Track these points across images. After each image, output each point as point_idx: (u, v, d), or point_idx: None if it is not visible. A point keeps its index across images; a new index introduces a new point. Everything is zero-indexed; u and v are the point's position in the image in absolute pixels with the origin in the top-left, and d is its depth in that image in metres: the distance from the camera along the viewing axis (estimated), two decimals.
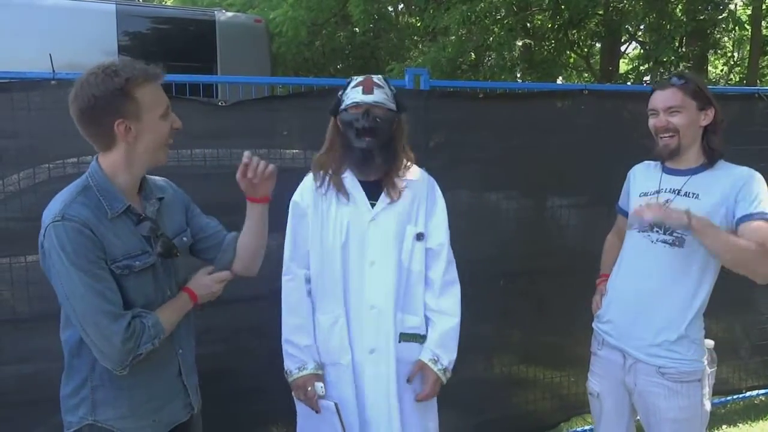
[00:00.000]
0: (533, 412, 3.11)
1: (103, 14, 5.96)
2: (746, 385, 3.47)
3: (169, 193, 1.71)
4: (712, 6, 7.30)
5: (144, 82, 1.45)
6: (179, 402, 1.68)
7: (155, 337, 1.49)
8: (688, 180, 1.93)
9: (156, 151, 1.52)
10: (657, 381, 1.92)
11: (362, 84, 1.91)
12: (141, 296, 1.52)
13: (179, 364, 1.66)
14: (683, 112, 1.90)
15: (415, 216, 1.99)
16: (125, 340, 1.43)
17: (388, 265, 1.94)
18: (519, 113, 2.91)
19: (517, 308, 3.00)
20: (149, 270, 1.53)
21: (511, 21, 7.48)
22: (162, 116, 1.50)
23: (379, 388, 1.95)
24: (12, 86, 2.19)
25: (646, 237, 1.97)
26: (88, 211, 1.43)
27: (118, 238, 1.47)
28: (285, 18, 7.67)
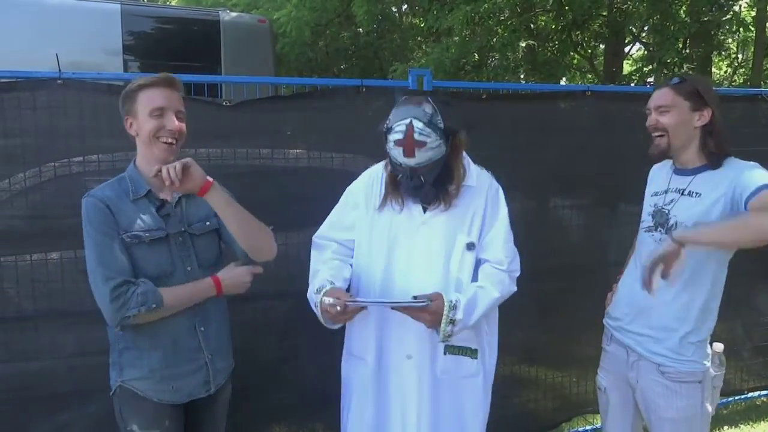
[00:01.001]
0: (535, 411, 3.11)
1: (108, 14, 5.99)
2: (748, 386, 3.47)
3: None
4: (716, 7, 7.29)
5: (146, 87, 1.73)
6: (200, 377, 1.82)
7: (143, 305, 1.65)
8: (693, 179, 1.92)
9: (149, 145, 1.74)
10: (657, 379, 1.94)
11: (402, 145, 1.77)
12: (153, 265, 1.73)
13: (200, 341, 1.81)
14: (672, 111, 1.89)
15: (468, 225, 1.91)
16: (112, 300, 1.63)
17: (433, 271, 1.88)
18: (522, 114, 2.92)
19: (520, 308, 2.99)
20: (161, 242, 1.74)
21: (514, 22, 7.49)
22: (149, 114, 1.71)
23: (409, 395, 1.91)
24: (18, 85, 2.21)
25: (651, 236, 1.99)
26: (112, 193, 1.73)
27: (134, 215, 1.73)
28: (289, 18, 7.68)
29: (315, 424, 2.72)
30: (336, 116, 2.60)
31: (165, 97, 1.73)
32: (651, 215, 2.01)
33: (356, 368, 2.01)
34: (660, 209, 1.98)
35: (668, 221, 1.93)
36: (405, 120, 1.77)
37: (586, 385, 3.12)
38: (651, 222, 2.00)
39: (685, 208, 1.90)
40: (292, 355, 2.64)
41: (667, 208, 1.95)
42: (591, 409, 3.18)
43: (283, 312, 2.67)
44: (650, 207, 2.04)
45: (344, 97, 2.60)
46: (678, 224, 1.90)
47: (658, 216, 1.98)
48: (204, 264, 1.84)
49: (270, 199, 2.56)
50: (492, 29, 7.52)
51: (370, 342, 1.95)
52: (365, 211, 1.98)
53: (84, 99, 2.25)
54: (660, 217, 1.97)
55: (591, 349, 3.12)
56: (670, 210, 1.94)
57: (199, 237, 1.84)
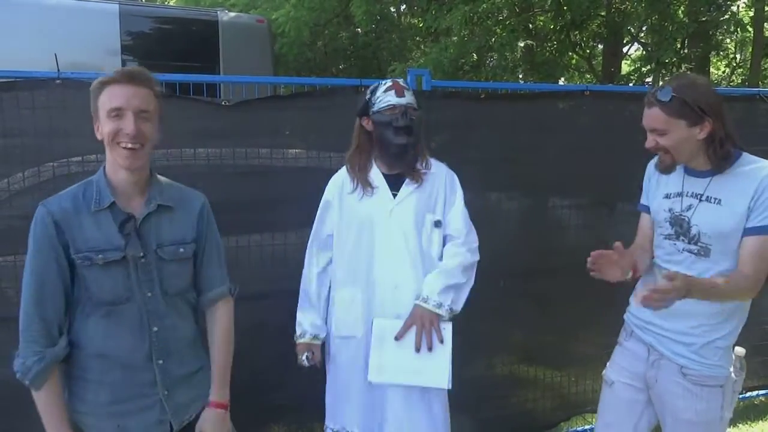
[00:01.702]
0: (533, 411, 3.11)
1: (106, 14, 5.98)
2: (746, 385, 3.47)
3: (188, 207, 1.71)
4: (714, 7, 7.30)
5: (108, 83, 1.53)
6: (151, 416, 1.62)
7: (23, 374, 1.52)
8: (709, 182, 1.84)
9: (110, 150, 1.55)
10: (678, 381, 1.89)
11: (393, 88, 2.11)
12: (106, 290, 1.56)
13: (156, 374, 1.61)
14: (669, 133, 1.78)
15: (433, 205, 2.18)
16: (20, 349, 1.54)
17: (409, 249, 2.12)
18: (521, 114, 2.92)
19: (518, 308, 3.01)
20: (118, 264, 1.55)
21: (513, 22, 7.50)
22: (107, 114, 1.52)
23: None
24: (17, 85, 2.20)
25: (673, 245, 1.91)
26: (70, 203, 1.55)
27: (90, 231, 1.54)
28: (287, 18, 7.69)
29: (314, 424, 2.72)
30: (335, 116, 2.60)
31: (124, 96, 1.51)
32: (669, 222, 1.92)
33: (347, 346, 2.18)
34: (678, 216, 1.90)
35: (690, 230, 1.86)
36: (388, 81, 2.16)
37: (585, 384, 3.13)
38: (671, 230, 1.92)
39: (707, 217, 1.82)
40: (290, 355, 2.64)
41: (686, 215, 1.87)
42: (590, 408, 3.18)
43: (281, 312, 2.67)
44: (665, 212, 1.94)
45: (343, 97, 2.60)
46: (701, 234, 1.83)
47: (677, 224, 1.90)
48: (170, 291, 1.64)
49: (269, 199, 2.56)
50: (490, 29, 7.52)
51: (359, 321, 2.15)
52: (338, 205, 2.18)
53: (83, 99, 2.22)
54: (680, 225, 1.89)
55: (590, 348, 3.13)
56: (690, 218, 1.86)
57: (168, 262, 1.63)
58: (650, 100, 1.81)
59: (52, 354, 1.53)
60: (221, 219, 2.51)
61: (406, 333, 2.06)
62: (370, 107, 2.13)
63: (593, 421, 3.22)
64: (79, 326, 1.58)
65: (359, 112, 2.18)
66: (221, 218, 2.50)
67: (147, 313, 1.60)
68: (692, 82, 1.81)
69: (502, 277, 2.95)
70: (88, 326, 1.57)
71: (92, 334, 1.57)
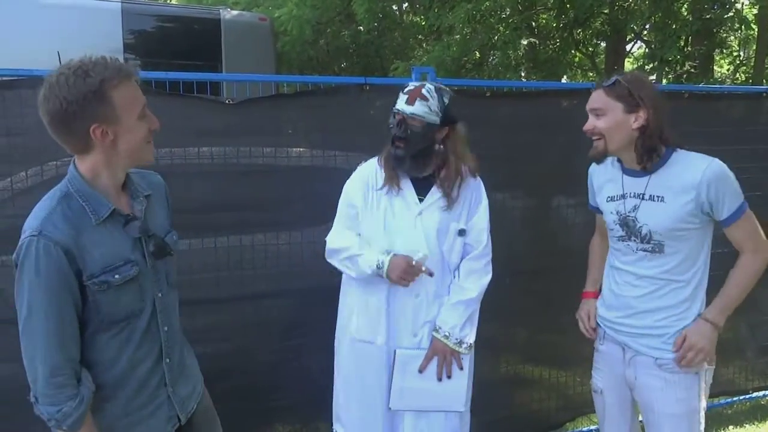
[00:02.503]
0: (538, 411, 3.10)
1: (108, 12, 5.97)
2: (753, 385, 3.46)
3: (157, 188, 1.63)
4: (718, 5, 7.26)
5: (119, 82, 1.35)
6: (161, 414, 1.57)
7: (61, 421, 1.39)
8: (648, 181, 1.89)
9: (138, 151, 1.44)
10: (655, 374, 1.92)
11: (409, 93, 2.02)
12: (120, 309, 1.45)
13: (164, 374, 1.57)
14: (606, 115, 1.85)
15: (458, 213, 2.11)
16: (48, 396, 1.38)
17: (432, 257, 2.05)
18: (525, 112, 2.91)
19: (523, 307, 2.99)
20: (133, 281, 1.45)
21: (516, 20, 7.46)
22: (140, 117, 1.41)
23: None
24: (20, 84, 2.19)
25: (627, 246, 1.96)
26: (67, 225, 1.36)
27: (101, 247, 1.40)
28: (290, 16, 7.65)
29: (318, 424, 2.71)
30: (339, 114, 2.59)
31: (139, 92, 1.42)
32: (618, 224, 1.97)
33: (367, 350, 2.12)
34: (625, 217, 1.94)
35: (640, 230, 1.91)
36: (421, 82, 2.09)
37: (590, 384, 3.11)
38: (622, 231, 1.97)
39: (652, 215, 1.87)
40: (294, 353, 2.63)
41: (632, 215, 1.92)
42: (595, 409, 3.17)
43: (285, 311, 2.66)
44: (613, 215, 1.99)
45: (347, 95, 2.59)
46: (652, 232, 1.88)
47: (625, 226, 1.95)
48: (172, 283, 1.60)
49: (273, 198, 2.55)
50: (493, 27, 7.49)
51: (380, 328, 2.09)
52: (363, 203, 2.11)
53: None
54: (628, 226, 1.94)
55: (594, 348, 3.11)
56: (637, 217, 1.91)
57: (173, 255, 1.58)
58: (597, 85, 1.92)
59: (88, 392, 1.41)
60: (224, 218, 2.51)
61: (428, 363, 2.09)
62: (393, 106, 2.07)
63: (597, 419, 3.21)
64: (88, 348, 1.45)
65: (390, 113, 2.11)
66: (224, 217, 2.50)
67: (159, 314, 1.54)
68: (638, 76, 1.92)
69: (507, 276, 2.94)
70: (99, 346, 1.46)
71: (105, 353, 1.46)
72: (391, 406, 2.10)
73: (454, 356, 2.09)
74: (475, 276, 2.12)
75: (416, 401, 2.10)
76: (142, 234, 1.47)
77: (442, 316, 2.09)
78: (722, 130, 3.09)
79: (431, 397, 2.09)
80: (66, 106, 1.31)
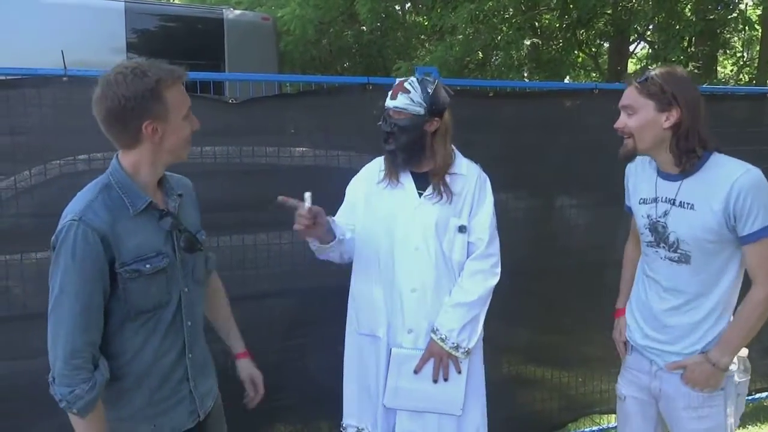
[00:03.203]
0: (540, 411, 3.10)
1: (112, 12, 5.98)
2: (755, 386, 3.45)
3: (188, 189, 1.73)
4: (721, 6, 7.25)
5: (172, 82, 1.45)
6: (183, 408, 1.62)
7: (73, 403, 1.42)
8: (680, 187, 1.80)
9: (179, 150, 1.53)
10: (680, 390, 1.86)
11: (392, 89, 2.04)
12: (149, 299, 1.50)
13: (187, 369, 1.61)
14: (637, 113, 1.77)
15: (459, 209, 2.09)
16: (65, 377, 1.41)
17: (430, 252, 2.05)
18: (528, 112, 2.90)
19: (525, 308, 2.99)
20: (162, 272, 1.51)
21: (519, 20, 7.45)
22: (184, 117, 1.50)
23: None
24: (23, 83, 2.20)
25: (655, 252, 1.89)
26: (107, 213, 1.43)
27: (134, 238, 1.46)
28: (293, 16, 7.65)
29: (320, 422, 2.71)
30: (342, 114, 2.59)
31: (186, 94, 1.52)
32: (648, 229, 1.90)
33: (372, 344, 2.12)
34: (655, 222, 1.87)
35: (668, 237, 1.83)
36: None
37: (593, 385, 3.11)
38: (651, 237, 1.90)
39: (682, 222, 1.80)
40: (296, 353, 2.64)
41: (662, 221, 1.85)
42: (598, 409, 3.17)
43: (287, 310, 2.67)
44: (644, 218, 1.92)
45: (350, 95, 2.59)
46: (680, 241, 1.80)
47: (655, 231, 1.88)
48: (199, 280, 1.66)
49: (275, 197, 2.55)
50: (496, 27, 7.48)
51: (381, 321, 2.09)
52: (365, 196, 2.13)
53: (90, 96, 2.23)
54: (657, 232, 1.87)
55: (597, 349, 3.11)
56: (667, 223, 1.84)
57: (202, 250, 1.65)
58: (629, 80, 1.83)
59: (102, 378, 1.45)
60: (227, 217, 2.51)
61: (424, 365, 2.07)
62: None
63: (601, 422, 3.21)
64: (113, 337, 1.50)
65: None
66: (227, 216, 2.50)
67: (184, 308, 1.58)
68: (673, 71, 1.80)
69: (509, 276, 2.94)
70: (124, 337, 1.50)
71: (129, 343, 1.51)
72: (386, 403, 2.09)
73: (451, 359, 2.06)
74: (480, 277, 2.09)
75: (411, 401, 2.08)
76: (175, 228, 1.54)
77: (440, 318, 2.06)
78: (725, 131, 3.07)
79: (426, 398, 2.07)
80: (124, 103, 1.40)
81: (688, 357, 1.84)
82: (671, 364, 1.86)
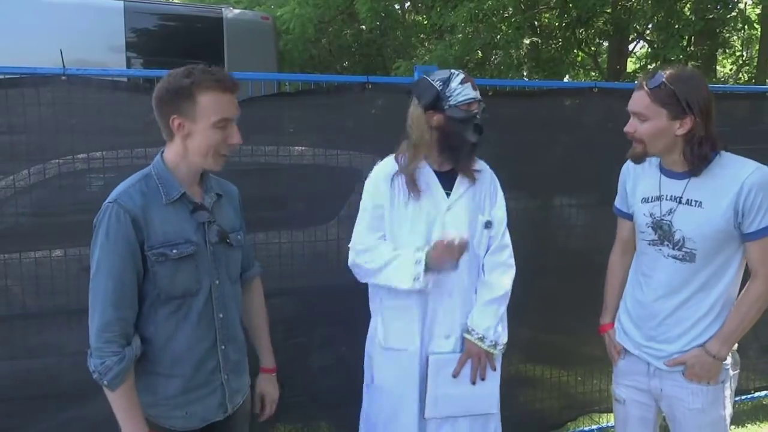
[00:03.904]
0: (540, 411, 3.10)
1: (111, 11, 5.97)
2: (755, 385, 3.45)
3: (231, 196, 1.80)
4: (721, 5, 7.25)
5: (208, 87, 1.51)
6: (215, 400, 1.67)
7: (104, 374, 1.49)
8: (687, 184, 1.79)
9: (206, 156, 1.57)
10: (681, 385, 1.85)
11: (469, 81, 1.96)
12: (177, 284, 1.57)
13: (219, 360, 1.67)
14: (649, 120, 1.74)
15: (482, 205, 2.08)
16: (96, 350, 1.50)
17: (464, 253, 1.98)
18: (528, 111, 2.90)
19: (525, 306, 2.98)
20: (190, 258, 1.57)
21: (518, 19, 7.46)
22: (214, 124, 1.54)
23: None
24: (22, 82, 2.19)
25: (658, 251, 1.87)
26: (141, 197, 1.53)
27: (164, 224, 1.55)
28: (292, 15, 7.65)
29: (320, 422, 2.71)
30: (341, 113, 2.59)
31: (230, 105, 1.56)
32: (651, 227, 1.88)
33: (396, 360, 2.05)
34: (659, 220, 1.86)
35: (673, 235, 1.82)
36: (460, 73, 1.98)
37: (592, 384, 3.11)
38: (654, 235, 1.88)
39: (688, 220, 1.79)
40: (297, 353, 2.63)
41: (667, 219, 1.83)
42: (597, 408, 3.17)
43: (288, 310, 2.66)
44: (646, 217, 1.90)
45: (350, 94, 2.59)
46: (685, 239, 1.79)
47: (659, 229, 1.86)
48: (232, 277, 1.72)
49: (275, 196, 2.55)
50: (495, 26, 7.48)
51: (414, 332, 2.02)
52: (390, 207, 2.03)
53: (88, 96, 2.24)
54: (662, 230, 1.85)
55: (597, 348, 3.10)
56: (672, 221, 1.82)
57: (235, 249, 1.71)
58: (640, 83, 1.78)
59: (131, 353, 1.53)
60: None
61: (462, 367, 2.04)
62: (443, 100, 1.93)
63: (600, 420, 3.21)
64: (147, 321, 1.58)
65: (427, 105, 1.94)
66: None
67: (215, 300, 1.64)
68: (687, 75, 1.76)
69: None
70: (157, 321, 1.58)
71: (162, 328, 1.58)
72: (427, 415, 2.02)
73: (488, 358, 2.04)
74: (500, 270, 2.07)
75: (450, 408, 2.03)
76: (207, 220, 1.62)
77: (474, 318, 2.02)
78: (725, 129, 3.07)
79: (465, 401, 2.04)
80: (162, 94, 1.53)
81: (687, 353, 1.84)
82: (670, 360, 1.86)
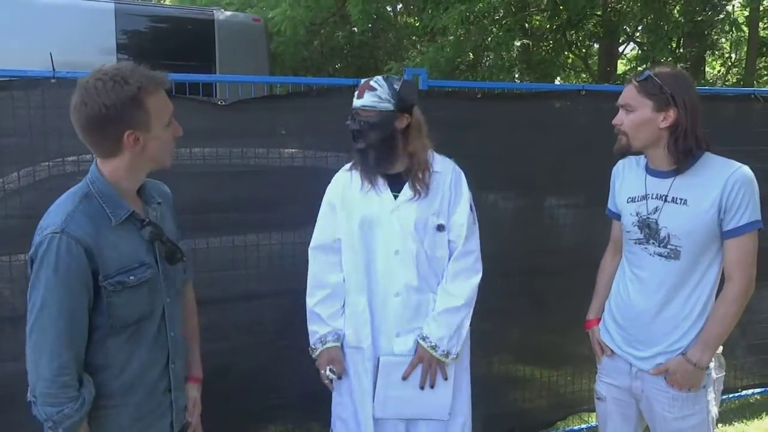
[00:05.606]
0: (530, 410, 3.12)
1: (101, 13, 5.96)
2: (742, 384, 3.48)
3: (167, 198, 1.67)
4: (709, 7, 7.32)
5: (154, 89, 1.39)
6: (166, 421, 1.58)
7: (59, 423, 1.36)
8: (672, 182, 1.83)
9: (162, 157, 1.48)
10: (663, 389, 1.87)
11: (358, 89, 2.01)
12: (133, 311, 1.45)
13: (170, 380, 1.57)
14: (635, 111, 1.80)
15: (437, 208, 2.06)
16: (50, 395, 1.35)
17: (411, 254, 2.03)
18: (517, 113, 2.92)
19: (515, 307, 3.01)
20: (146, 284, 1.46)
21: (509, 21, 7.50)
22: (167, 124, 1.45)
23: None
24: (12, 84, 2.19)
25: (644, 249, 1.90)
26: (89, 224, 1.38)
27: (117, 249, 1.41)
28: (283, 17, 7.65)
29: (311, 423, 2.72)
30: (331, 115, 2.59)
31: (168, 101, 1.45)
32: (637, 226, 1.91)
33: (358, 357, 2.10)
34: (645, 219, 1.88)
35: (659, 233, 1.85)
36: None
37: (582, 383, 3.13)
38: (640, 234, 1.90)
39: (674, 218, 1.82)
40: (288, 354, 2.64)
41: (653, 217, 1.86)
42: (586, 407, 3.19)
43: (279, 311, 2.67)
44: (632, 216, 1.92)
45: (340, 96, 2.59)
46: (671, 236, 1.82)
47: (645, 228, 1.88)
48: (179, 292, 1.62)
49: (265, 199, 2.56)
50: (487, 28, 7.52)
51: (365, 331, 2.07)
52: (342, 203, 2.10)
53: None
54: (648, 228, 1.87)
55: (586, 347, 3.11)
56: (657, 220, 1.85)
57: (185, 260, 1.60)
58: (629, 78, 1.87)
59: (89, 394, 1.40)
60: (217, 218, 2.51)
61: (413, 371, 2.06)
62: None
63: (590, 420, 3.23)
64: (96, 353, 1.44)
65: None
66: (217, 218, 2.50)
67: (167, 319, 1.54)
68: (675, 72, 1.84)
69: (499, 276, 2.96)
70: (109, 351, 1.44)
71: (115, 358, 1.45)
72: (375, 414, 2.06)
73: (439, 366, 2.05)
74: (463, 277, 2.07)
75: (399, 409, 2.06)
76: (156, 239, 1.48)
77: (430, 326, 2.04)
78: (713, 131, 3.10)
79: (414, 405, 2.06)
80: (105, 111, 1.33)
81: (670, 358, 1.85)
82: (654, 369, 1.87)
